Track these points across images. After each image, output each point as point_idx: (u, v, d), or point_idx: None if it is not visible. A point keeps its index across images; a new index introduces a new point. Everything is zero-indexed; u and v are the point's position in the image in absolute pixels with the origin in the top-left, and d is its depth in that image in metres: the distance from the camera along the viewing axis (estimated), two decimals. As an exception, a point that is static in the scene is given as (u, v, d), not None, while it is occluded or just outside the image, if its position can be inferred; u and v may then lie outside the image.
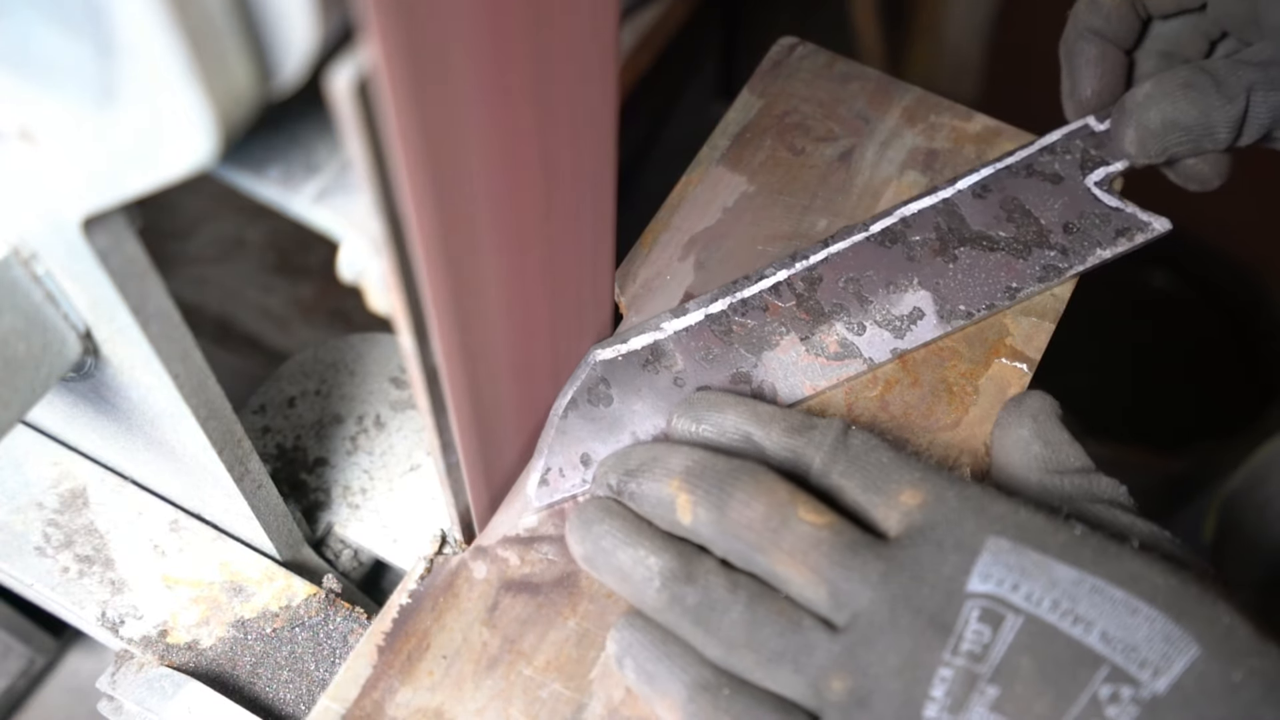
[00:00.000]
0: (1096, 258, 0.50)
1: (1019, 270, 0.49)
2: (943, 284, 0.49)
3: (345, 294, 0.74)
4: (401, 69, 0.25)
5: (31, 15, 0.24)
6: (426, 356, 0.33)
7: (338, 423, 0.52)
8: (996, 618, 0.35)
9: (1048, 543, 0.36)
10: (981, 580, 0.35)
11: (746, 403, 0.42)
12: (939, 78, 1.36)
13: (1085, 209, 0.51)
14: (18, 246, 0.32)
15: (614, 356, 0.46)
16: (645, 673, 0.39)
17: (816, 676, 0.36)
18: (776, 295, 0.48)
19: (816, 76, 0.57)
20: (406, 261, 0.29)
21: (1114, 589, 0.35)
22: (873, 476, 0.39)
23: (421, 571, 0.43)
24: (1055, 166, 0.52)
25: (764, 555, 0.38)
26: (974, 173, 0.52)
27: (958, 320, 0.48)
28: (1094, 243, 0.50)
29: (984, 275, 0.49)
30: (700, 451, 0.40)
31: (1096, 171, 0.51)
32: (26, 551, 0.47)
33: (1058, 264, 0.50)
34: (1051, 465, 0.41)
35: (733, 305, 0.48)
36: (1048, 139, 0.52)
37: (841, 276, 0.49)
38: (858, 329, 0.48)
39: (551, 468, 0.45)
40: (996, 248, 0.50)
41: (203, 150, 0.25)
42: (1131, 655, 0.34)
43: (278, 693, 0.45)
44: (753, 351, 0.47)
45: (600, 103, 0.37)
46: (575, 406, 0.45)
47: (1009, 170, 0.52)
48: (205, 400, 0.37)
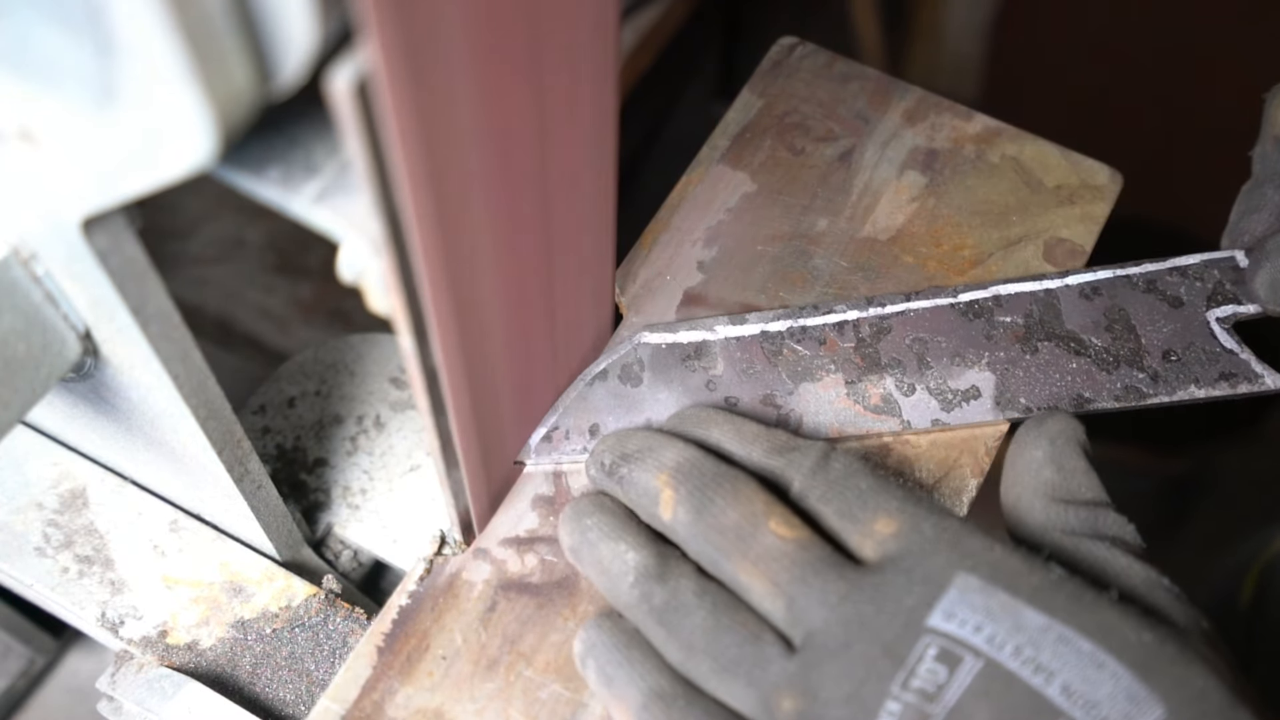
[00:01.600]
0: (1188, 394, 0.46)
1: (1097, 382, 0.46)
2: (1012, 372, 0.47)
3: (345, 294, 0.74)
4: (401, 69, 0.25)
5: (31, 15, 0.24)
6: (426, 357, 0.33)
7: (338, 423, 0.52)
8: (954, 659, 0.34)
9: (1020, 585, 0.35)
10: (944, 618, 0.35)
11: (733, 420, 0.42)
12: (939, 78, 1.36)
13: (1195, 342, 0.47)
14: (18, 246, 0.32)
15: (659, 343, 0.47)
16: (605, 674, 0.39)
17: (768, 693, 0.36)
18: (839, 333, 0.48)
19: (816, 76, 0.57)
20: (406, 262, 0.29)
21: (1082, 640, 0.34)
22: (849, 503, 0.38)
23: (421, 572, 0.43)
24: (1180, 290, 0.48)
25: (730, 562, 0.38)
26: (1089, 271, 0.49)
27: (1013, 411, 0.46)
28: (1191, 378, 0.47)
29: (1058, 376, 0.47)
30: (693, 450, 0.40)
31: (1223, 308, 0.48)
32: (26, 552, 0.47)
33: (1142, 388, 0.46)
34: (1060, 493, 0.40)
35: (792, 330, 0.47)
36: (1184, 260, 0.49)
37: (911, 334, 0.47)
38: (907, 389, 0.46)
39: (560, 427, 0.45)
40: (1083, 353, 0.47)
41: (202, 151, 0.25)
42: (1092, 711, 0.33)
43: (277, 693, 0.45)
44: (794, 379, 0.47)
45: (600, 103, 0.37)
46: (604, 378, 0.46)
47: (1128, 280, 0.48)
48: (205, 400, 0.37)
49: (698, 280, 0.50)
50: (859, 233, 0.52)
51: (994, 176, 0.54)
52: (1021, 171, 0.54)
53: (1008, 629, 0.34)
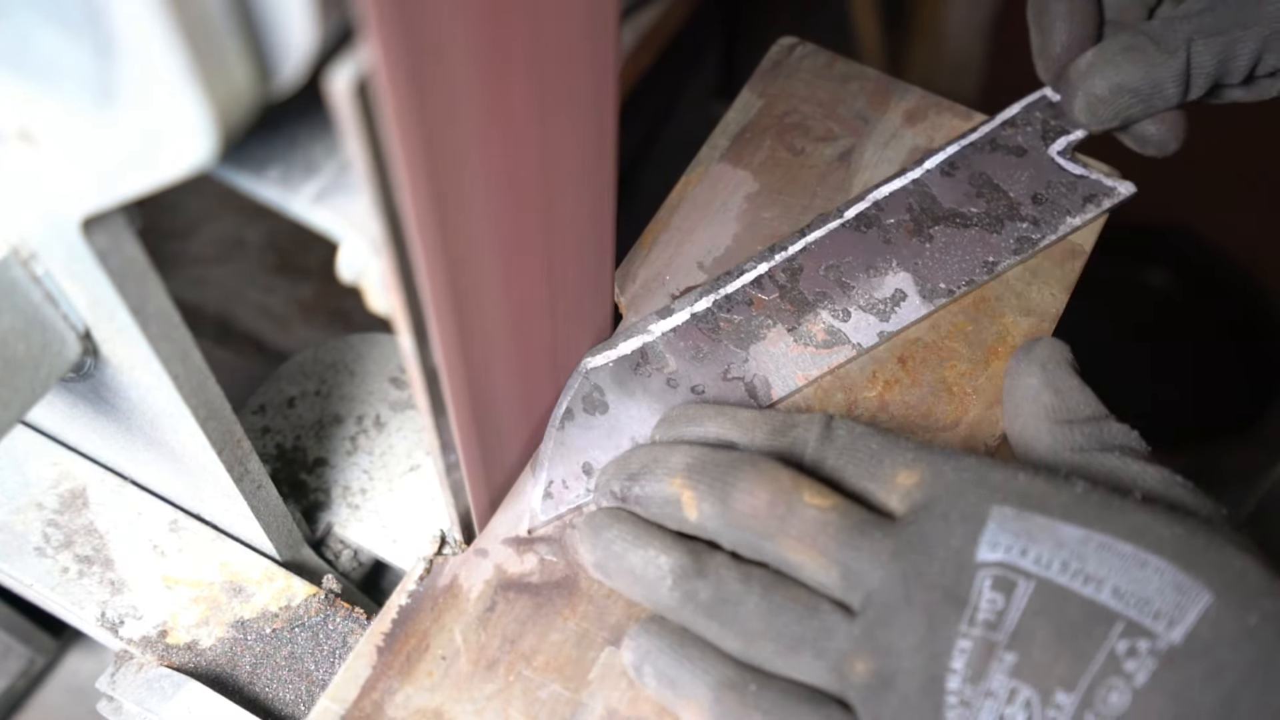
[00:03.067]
0: (1067, 226, 0.51)
1: (994, 244, 0.50)
2: (921, 264, 0.50)
3: (345, 294, 0.74)
4: (401, 69, 0.25)
5: (31, 15, 0.24)
6: (426, 357, 0.33)
7: (337, 423, 0.52)
8: (1008, 584, 0.35)
9: (1051, 505, 0.36)
10: (990, 549, 0.36)
11: (725, 411, 0.42)
12: (939, 78, 1.36)
13: (1052, 179, 0.52)
14: (18, 246, 0.32)
15: (604, 363, 0.47)
16: (666, 678, 0.38)
17: (838, 660, 0.36)
18: (759, 289, 0.49)
19: (816, 76, 0.57)
20: (406, 261, 0.29)
21: (1121, 544, 0.35)
22: (865, 464, 0.39)
23: (421, 572, 0.43)
24: (1018, 139, 0.53)
25: (772, 543, 0.38)
26: (939, 152, 0.52)
27: (939, 299, 0.49)
28: (1063, 211, 0.51)
29: (960, 252, 0.50)
30: (699, 448, 0.40)
31: (1058, 141, 0.52)
32: (26, 552, 0.47)
33: (1030, 235, 0.50)
34: (1061, 414, 0.41)
35: (717, 302, 0.48)
36: (1007, 113, 0.53)
37: (821, 265, 0.50)
38: (843, 315, 0.48)
39: (554, 480, 0.45)
40: (970, 224, 0.51)
41: (202, 151, 0.25)
42: (1145, 608, 0.34)
43: (277, 693, 0.45)
44: (741, 346, 0.47)
45: (600, 102, 0.37)
46: (571, 417, 0.45)
47: (973, 146, 0.52)
48: (205, 400, 0.37)
49: (698, 280, 0.50)
50: (859, 233, 0.52)
51: (994, 176, 0.54)
52: (1021, 171, 0.54)
53: (1051, 547, 0.35)
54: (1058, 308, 0.50)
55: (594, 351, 0.47)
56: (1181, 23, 0.48)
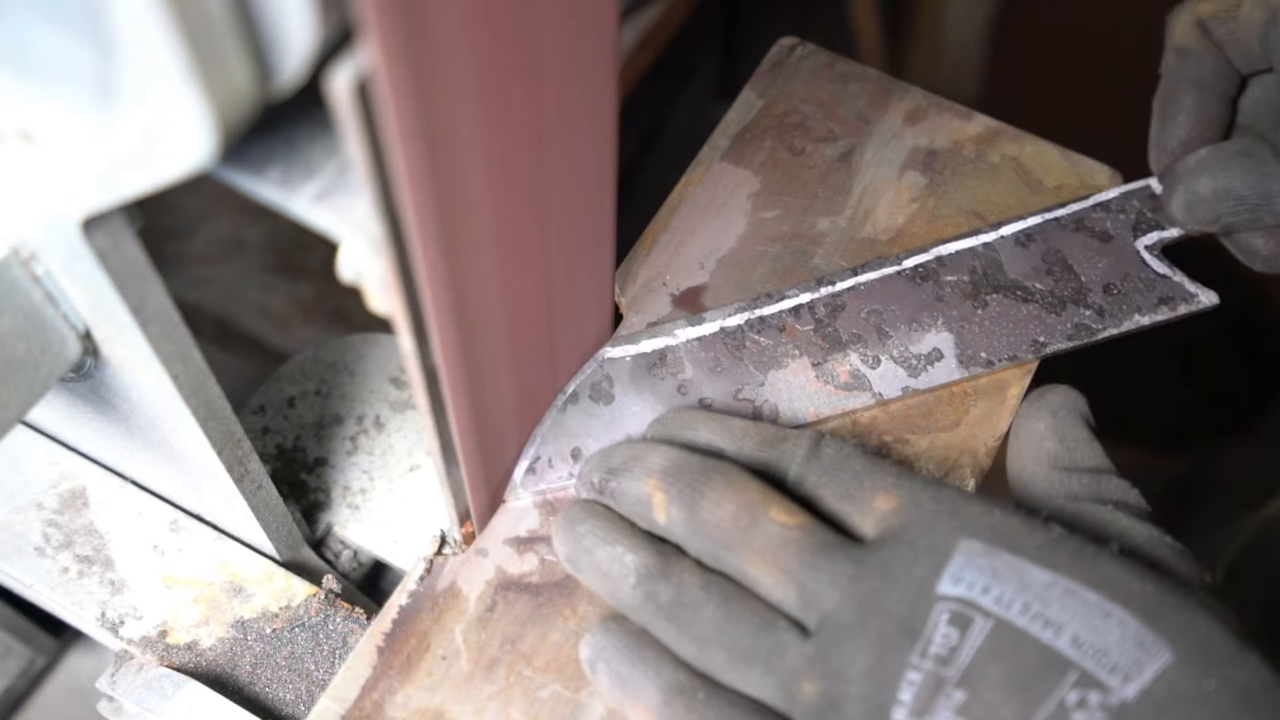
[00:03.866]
0: (1133, 323, 0.48)
1: (1049, 325, 0.48)
2: (968, 328, 0.48)
3: (345, 294, 0.74)
4: (401, 69, 0.25)
5: (31, 15, 0.24)
6: (426, 357, 0.33)
7: (337, 423, 0.52)
8: (965, 621, 0.34)
9: (1023, 545, 0.36)
10: (952, 583, 0.35)
11: (718, 418, 0.42)
12: (939, 78, 1.36)
13: (1131, 272, 0.49)
14: (18, 246, 0.32)
15: (622, 356, 0.47)
16: (618, 677, 0.38)
17: (787, 678, 0.36)
18: (796, 317, 0.48)
19: (816, 77, 0.57)
20: (406, 262, 0.29)
21: (1088, 592, 0.34)
22: (846, 484, 0.39)
23: (421, 572, 0.43)
24: (1107, 224, 0.50)
25: (734, 554, 0.38)
26: (1020, 220, 0.50)
27: (976, 367, 0.47)
28: (1134, 307, 0.48)
29: (1012, 325, 0.48)
30: (678, 451, 0.40)
31: (1149, 235, 0.50)
32: (26, 552, 0.47)
33: (1091, 324, 0.48)
34: (1062, 462, 0.41)
35: (750, 321, 0.48)
36: (1104, 195, 0.51)
37: (865, 307, 0.48)
38: (872, 362, 0.47)
39: (541, 456, 0.45)
40: (1030, 299, 0.48)
41: (202, 151, 0.25)
42: (1102, 660, 0.33)
43: (277, 693, 0.45)
44: (761, 370, 0.47)
45: (600, 103, 0.37)
46: (575, 400, 0.46)
47: (1057, 222, 0.50)
48: (205, 400, 0.37)
49: (698, 280, 0.50)
50: (859, 233, 0.52)
51: (994, 176, 0.54)
52: (1021, 171, 0.54)
53: (1014, 588, 0.35)
54: (1058, 308, 0.50)
55: (615, 342, 0.47)
56: None
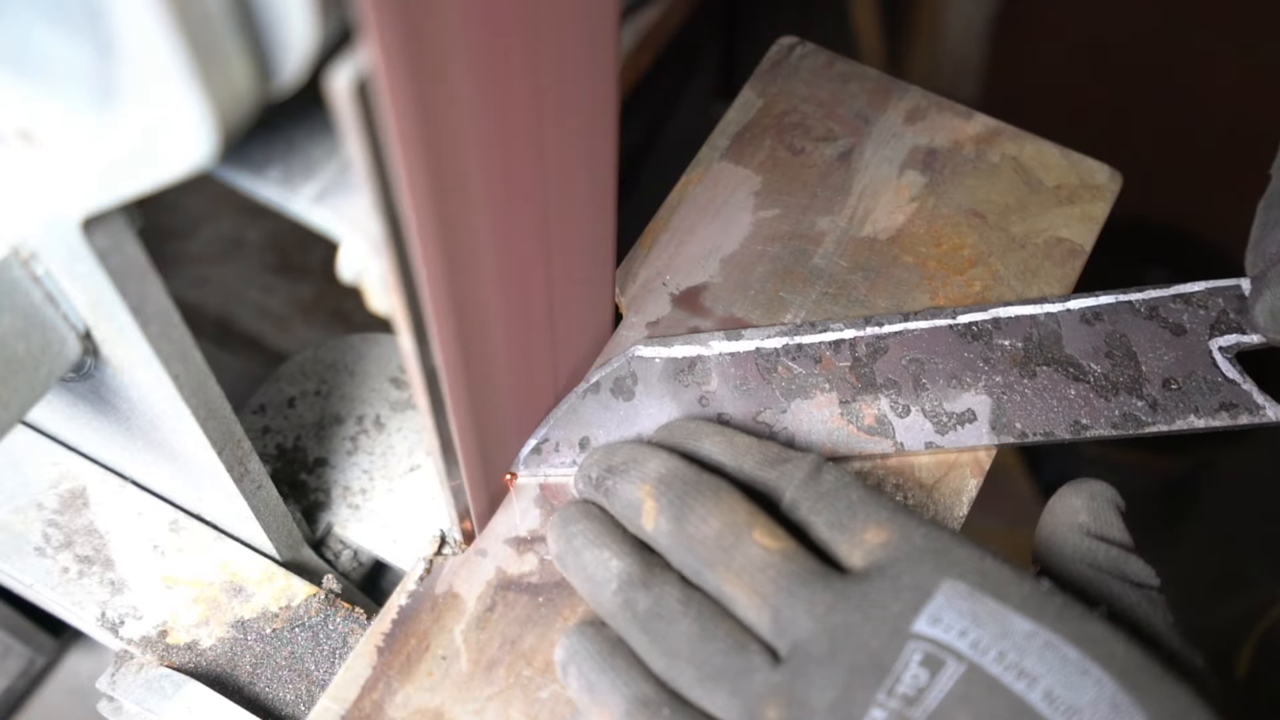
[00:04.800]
0: (1187, 423, 0.46)
1: (1095, 409, 0.46)
2: (1009, 396, 0.46)
3: (345, 294, 0.74)
4: (401, 69, 0.25)
5: (31, 15, 0.24)
6: (426, 357, 0.33)
7: (338, 423, 0.52)
8: (937, 663, 0.34)
9: (1009, 593, 0.35)
10: (929, 623, 0.35)
11: (724, 432, 0.42)
12: (939, 78, 1.36)
13: (1196, 371, 0.47)
14: (18, 246, 0.32)
15: (652, 356, 0.46)
16: (587, 681, 0.38)
17: (752, 703, 0.36)
18: (835, 351, 0.47)
19: (816, 76, 0.57)
20: (406, 261, 0.29)
21: (1068, 647, 0.34)
22: (840, 513, 0.38)
23: (421, 572, 0.43)
24: (1183, 318, 0.48)
25: (713, 572, 0.38)
26: (1091, 296, 0.48)
27: (1008, 436, 0.46)
28: (1191, 408, 0.46)
29: (1056, 402, 0.46)
30: (677, 460, 0.40)
31: (1227, 337, 0.47)
32: (26, 552, 0.47)
33: (1141, 416, 0.46)
34: (1093, 531, 0.40)
35: (787, 347, 0.47)
36: (1188, 288, 0.48)
37: (908, 355, 0.47)
38: (902, 411, 0.46)
39: (550, 439, 0.45)
40: (1082, 379, 0.46)
41: (202, 151, 0.25)
42: (1073, 718, 0.33)
43: (277, 693, 0.45)
44: (787, 397, 0.46)
45: (600, 103, 0.37)
46: (596, 391, 0.46)
47: (1130, 305, 0.48)
48: (205, 400, 0.37)
49: (697, 280, 0.50)
50: (859, 232, 0.52)
51: (994, 176, 0.54)
52: (1021, 171, 0.54)
53: (993, 634, 0.34)
54: (1058, 308, 0.50)
55: (649, 341, 0.47)
56: None
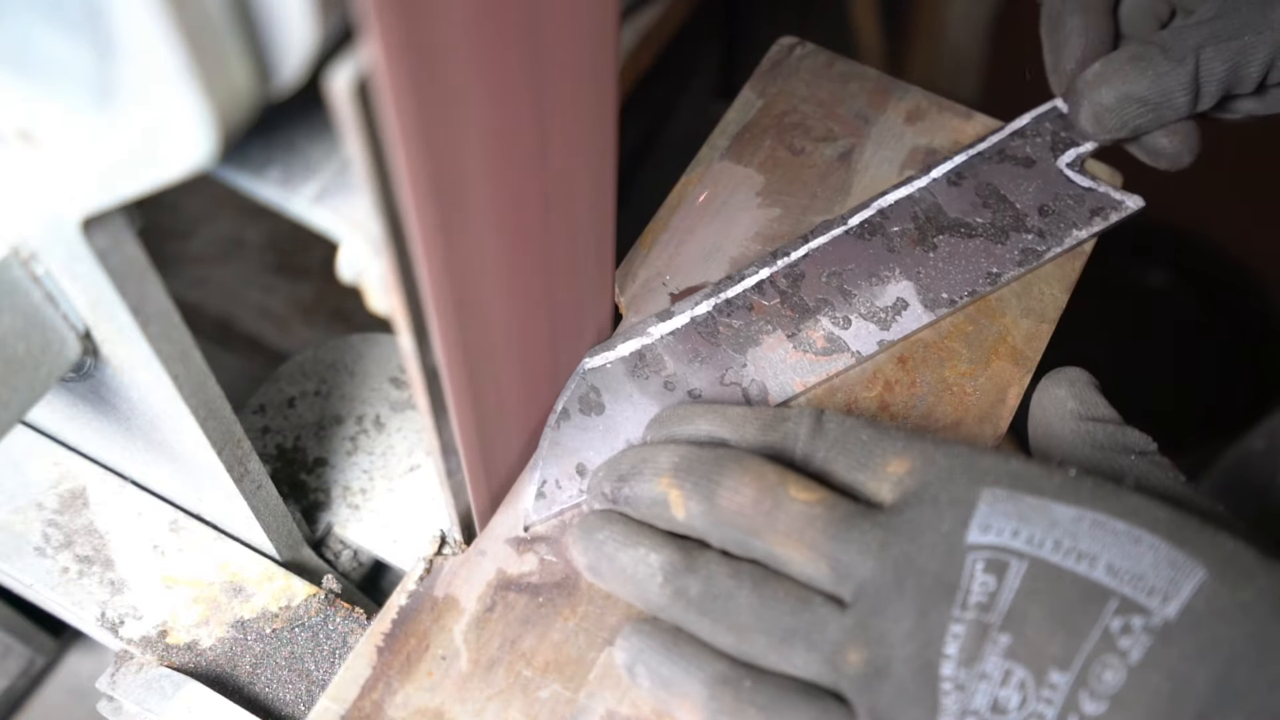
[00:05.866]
0: (1073, 238, 0.50)
1: (998, 255, 0.50)
2: (924, 273, 0.49)
3: (345, 294, 0.74)
4: (401, 69, 0.25)
5: (31, 15, 0.24)
6: (426, 356, 0.33)
7: (337, 423, 0.52)
8: (1000, 566, 0.35)
9: (1044, 486, 0.36)
10: (981, 531, 0.35)
11: (715, 409, 0.42)
12: (939, 78, 1.36)
13: (1059, 191, 0.51)
14: (18, 246, 0.32)
15: (602, 364, 0.47)
16: (660, 677, 0.38)
17: (832, 652, 0.36)
18: (760, 294, 0.49)
19: (816, 76, 0.57)
20: (406, 261, 0.29)
21: (1115, 522, 0.35)
22: (856, 455, 0.39)
23: (421, 572, 0.43)
24: (1027, 150, 0.52)
25: (760, 539, 0.38)
26: (947, 161, 0.52)
27: (941, 308, 0.49)
28: (1070, 224, 0.51)
29: (964, 262, 0.50)
30: (687, 447, 0.40)
31: (1067, 153, 0.52)
32: (26, 552, 0.47)
33: (1035, 247, 0.50)
34: (1085, 414, 0.42)
35: (718, 306, 0.48)
36: (1017, 123, 0.53)
37: (824, 271, 0.49)
38: (843, 323, 0.48)
39: (548, 479, 0.45)
40: (974, 234, 0.50)
41: (202, 151, 0.25)
42: (1139, 584, 0.34)
43: (277, 693, 0.45)
44: (740, 351, 0.47)
45: (600, 103, 0.37)
46: (567, 417, 0.45)
47: (981, 156, 0.52)
48: (205, 400, 0.37)
49: (697, 280, 0.50)
50: (859, 233, 0.52)
51: (994, 176, 0.54)
52: (1021, 171, 0.54)
53: (1043, 527, 0.35)
54: (1058, 307, 0.50)
55: (593, 352, 0.47)
56: (1191, 31, 0.48)
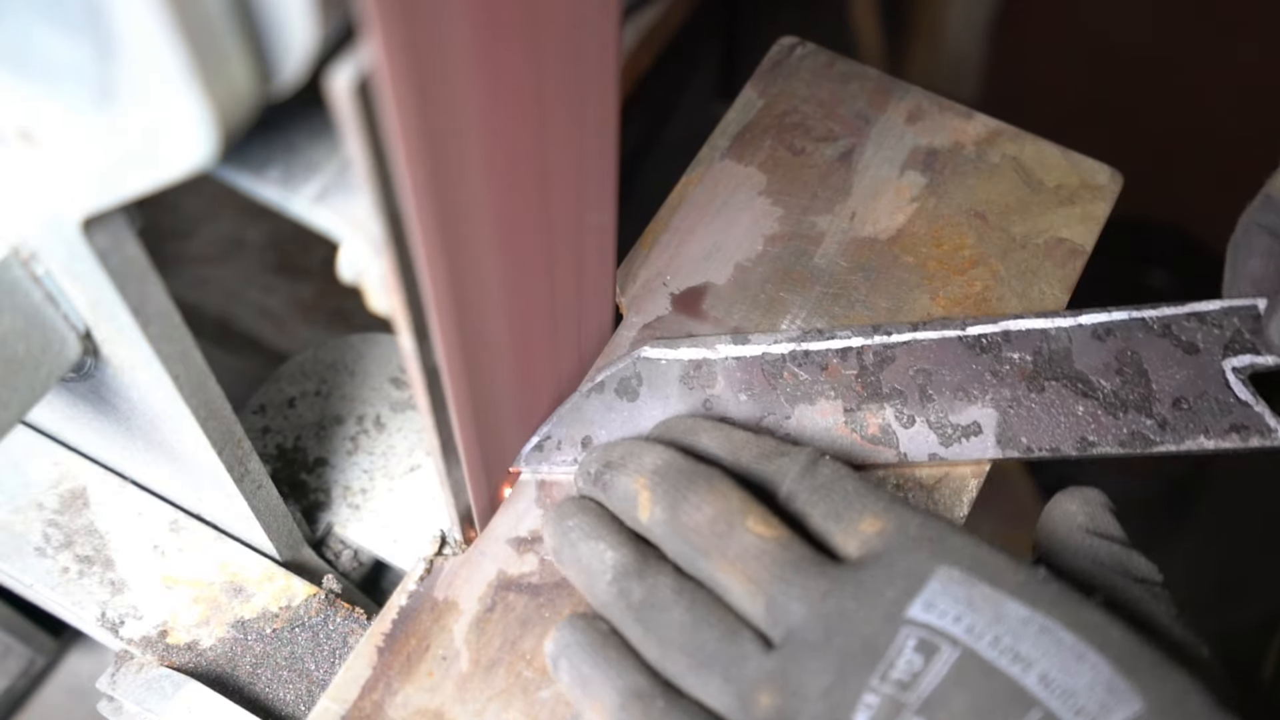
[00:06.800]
0: (1196, 444, 0.45)
1: (1103, 425, 0.45)
2: (1015, 411, 0.45)
3: (345, 294, 0.74)
4: (401, 69, 0.25)
5: (31, 15, 0.24)
6: (426, 356, 0.33)
7: (338, 423, 0.52)
8: (931, 648, 0.34)
9: (1004, 579, 0.35)
10: (924, 608, 0.35)
11: (721, 427, 0.42)
12: (939, 78, 1.36)
13: (1208, 391, 0.46)
14: (18, 246, 0.32)
15: (658, 358, 0.46)
16: (579, 675, 0.38)
17: (745, 689, 0.35)
18: (842, 359, 0.46)
19: (816, 76, 0.57)
20: (406, 261, 0.29)
21: (1064, 632, 0.34)
22: (836, 504, 0.38)
23: (421, 572, 0.43)
24: (1197, 336, 0.47)
25: (707, 560, 0.38)
26: (1104, 311, 0.47)
27: (1012, 450, 0.45)
28: (1200, 429, 0.45)
29: (1063, 418, 0.45)
30: (672, 452, 0.40)
31: (1240, 357, 0.46)
32: (26, 552, 0.47)
33: (1149, 435, 0.45)
34: (1092, 529, 0.40)
35: (794, 353, 0.46)
36: (1203, 306, 0.47)
37: (915, 365, 0.46)
38: (907, 421, 0.45)
39: (552, 437, 0.45)
40: (1090, 395, 0.46)
41: (202, 151, 0.25)
42: (1068, 701, 0.32)
43: (278, 693, 0.45)
44: (792, 403, 0.46)
45: (600, 103, 0.37)
46: (600, 390, 0.45)
47: (1144, 322, 0.47)
48: (205, 401, 0.37)
49: (698, 280, 0.50)
50: (859, 233, 0.52)
51: (994, 176, 0.54)
52: (1021, 171, 0.54)
53: (988, 619, 0.34)
54: (1058, 307, 0.50)
55: (655, 343, 0.46)
56: None
